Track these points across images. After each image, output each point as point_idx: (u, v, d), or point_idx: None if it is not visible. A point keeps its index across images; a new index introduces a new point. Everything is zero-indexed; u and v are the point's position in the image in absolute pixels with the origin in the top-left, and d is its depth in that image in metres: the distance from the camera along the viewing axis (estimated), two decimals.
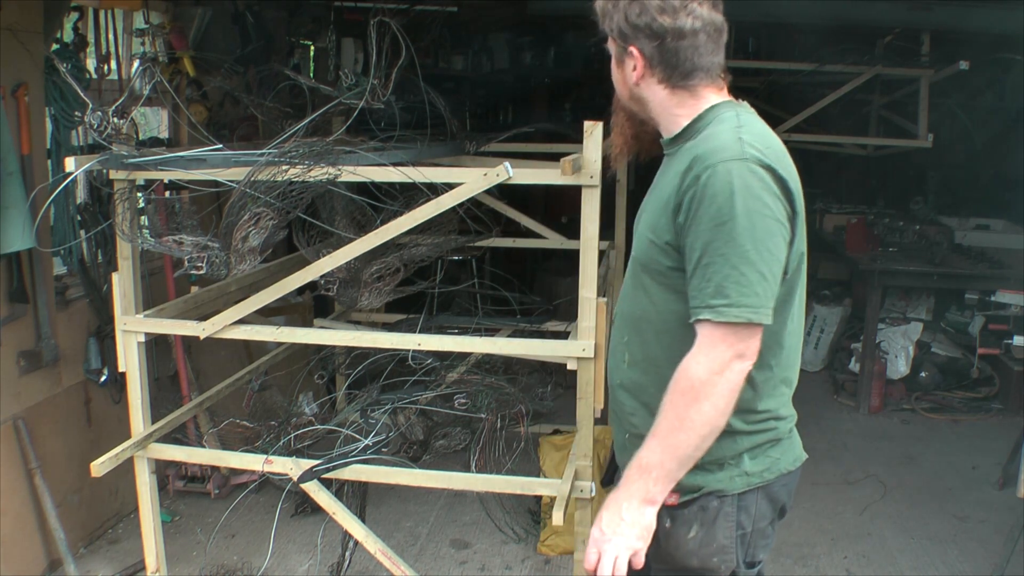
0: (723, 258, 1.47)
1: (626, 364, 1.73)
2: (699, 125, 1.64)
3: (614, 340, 1.79)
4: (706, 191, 1.49)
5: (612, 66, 1.73)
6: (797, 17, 4.65)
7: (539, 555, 3.46)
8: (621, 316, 1.76)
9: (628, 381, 1.73)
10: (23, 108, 2.99)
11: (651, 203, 1.69)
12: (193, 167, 2.51)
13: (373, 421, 2.82)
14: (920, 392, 5.26)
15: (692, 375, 1.51)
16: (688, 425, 1.50)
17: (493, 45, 7.06)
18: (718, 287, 1.48)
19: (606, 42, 1.72)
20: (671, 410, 1.52)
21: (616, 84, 1.74)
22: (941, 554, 3.52)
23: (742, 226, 1.47)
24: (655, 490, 1.54)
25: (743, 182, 1.48)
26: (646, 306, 1.67)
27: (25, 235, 2.93)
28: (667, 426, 1.52)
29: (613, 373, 1.79)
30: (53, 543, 3.17)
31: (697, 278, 1.51)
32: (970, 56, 4.67)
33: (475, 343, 2.71)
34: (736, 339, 1.50)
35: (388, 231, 2.49)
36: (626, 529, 1.54)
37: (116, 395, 3.43)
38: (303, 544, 3.52)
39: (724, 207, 1.47)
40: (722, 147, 1.52)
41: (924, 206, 6.36)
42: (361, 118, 2.79)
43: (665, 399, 1.54)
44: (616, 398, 1.79)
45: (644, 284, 1.67)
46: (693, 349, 1.53)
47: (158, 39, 3.69)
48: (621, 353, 1.74)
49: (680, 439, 1.51)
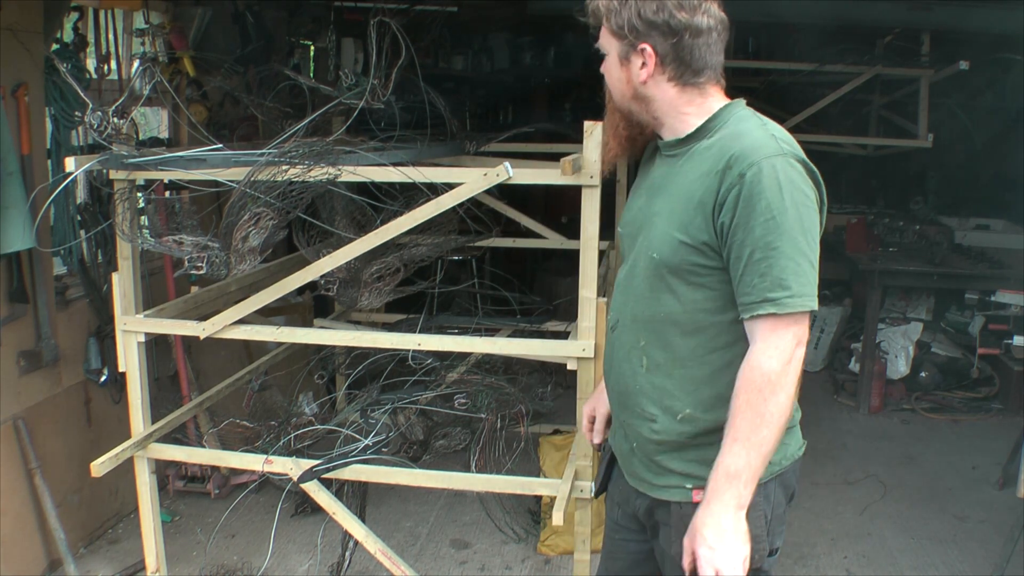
0: (777, 251, 1.50)
1: (644, 368, 1.69)
2: (715, 124, 1.65)
3: (625, 345, 1.73)
4: (754, 188, 1.51)
5: (609, 65, 1.70)
6: (797, 17, 4.64)
7: (539, 555, 3.46)
8: (634, 320, 1.71)
9: (648, 386, 1.69)
10: (23, 108, 2.99)
11: (669, 204, 1.65)
12: (193, 167, 2.51)
13: (373, 421, 2.82)
14: (920, 392, 5.26)
15: (767, 369, 1.52)
16: (768, 420, 1.52)
17: (493, 45, 7.06)
18: (777, 280, 1.50)
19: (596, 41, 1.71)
20: (748, 409, 1.52)
21: (615, 84, 1.71)
22: (941, 554, 3.52)
23: (792, 218, 1.50)
24: (746, 493, 1.54)
25: (787, 176, 1.52)
26: (672, 307, 1.64)
27: (25, 235, 2.92)
28: (748, 426, 1.52)
29: (625, 380, 1.74)
30: (53, 543, 3.17)
31: (750, 274, 1.52)
32: (970, 56, 4.66)
33: (475, 343, 2.71)
34: (798, 327, 1.53)
35: (388, 231, 2.49)
36: (732, 539, 1.53)
37: (116, 395, 3.43)
38: (303, 544, 3.52)
39: (774, 202, 1.50)
40: (761, 144, 1.55)
41: (924, 206, 6.36)
42: (361, 118, 2.79)
43: (738, 400, 1.54)
44: (628, 405, 1.74)
45: (670, 285, 1.64)
46: (758, 344, 1.53)
47: (158, 39, 3.69)
48: (637, 358, 1.70)
49: (763, 436, 1.52)
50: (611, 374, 1.79)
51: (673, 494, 1.70)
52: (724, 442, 1.55)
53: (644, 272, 1.68)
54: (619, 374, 1.76)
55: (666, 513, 1.72)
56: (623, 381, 1.75)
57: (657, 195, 1.70)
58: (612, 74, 1.70)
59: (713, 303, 1.61)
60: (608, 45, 1.69)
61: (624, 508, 1.87)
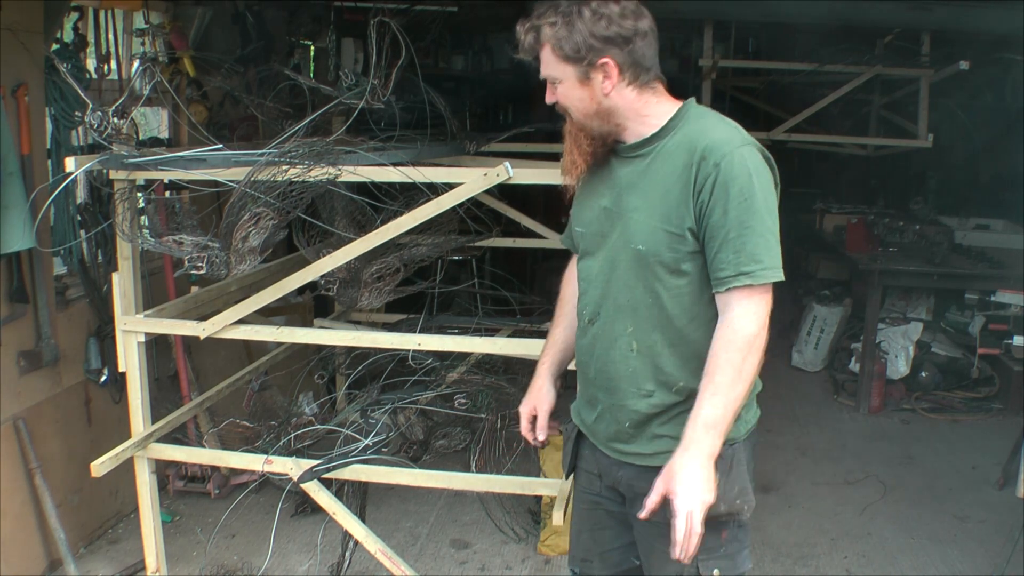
0: (750, 230, 1.67)
1: (635, 352, 1.81)
2: (676, 123, 1.78)
3: (610, 334, 1.84)
4: (728, 175, 1.68)
5: (566, 90, 1.78)
6: (797, 17, 4.64)
7: (539, 555, 3.46)
8: (618, 309, 1.82)
9: (640, 366, 1.81)
10: (23, 108, 2.99)
11: (647, 200, 1.77)
12: (193, 167, 2.51)
13: (373, 421, 2.82)
14: (920, 392, 5.25)
15: (746, 332, 1.68)
16: (744, 377, 1.68)
17: (493, 45, 7.06)
18: (751, 255, 1.67)
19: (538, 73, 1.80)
20: (728, 366, 1.67)
21: (575, 104, 1.79)
22: (941, 554, 3.52)
23: (760, 200, 1.68)
24: (718, 443, 1.67)
25: (754, 163, 1.70)
26: (658, 292, 1.77)
27: (25, 235, 2.92)
28: (727, 382, 1.67)
29: (614, 365, 1.84)
30: (53, 543, 3.17)
31: (726, 251, 1.69)
32: (970, 56, 4.66)
33: (475, 343, 2.72)
34: (768, 296, 1.71)
35: (388, 231, 2.49)
36: (702, 486, 1.65)
37: (116, 395, 3.43)
38: (303, 544, 3.52)
39: (745, 187, 1.68)
40: (728, 138, 1.72)
41: (924, 206, 6.36)
42: (361, 118, 2.79)
43: (718, 359, 1.68)
44: (618, 389, 1.85)
45: (655, 273, 1.76)
46: (735, 311, 1.69)
47: (158, 39, 3.69)
48: (626, 343, 1.82)
49: (739, 391, 1.68)
50: (592, 364, 1.89)
51: (666, 458, 1.78)
52: (702, 396, 1.68)
53: (627, 264, 1.80)
54: (605, 362, 1.86)
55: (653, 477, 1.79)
56: (611, 368, 1.85)
57: (628, 193, 1.80)
58: (571, 96, 1.79)
59: (695, 285, 1.76)
60: (560, 72, 1.77)
61: (604, 480, 1.96)
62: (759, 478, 1.87)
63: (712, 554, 1.80)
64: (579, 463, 2.04)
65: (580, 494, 2.06)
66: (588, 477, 2.01)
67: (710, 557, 1.80)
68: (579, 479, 2.05)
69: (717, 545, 1.81)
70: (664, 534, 1.77)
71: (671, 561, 1.79)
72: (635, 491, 1.85)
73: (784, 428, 4.70)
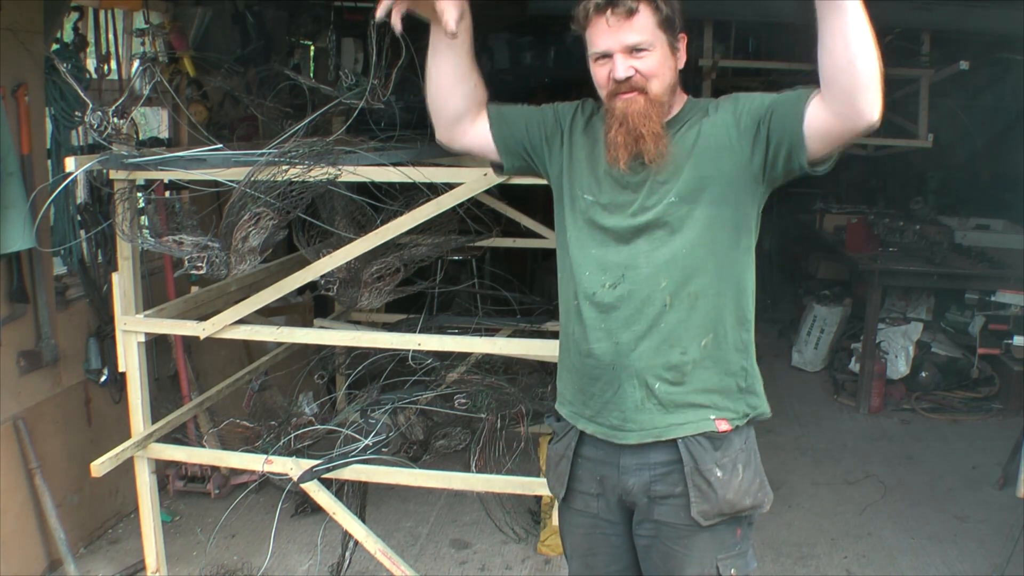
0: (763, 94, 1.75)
1: (668, 307, 1.75)
2: (691, 104, 1.83)
3: (646, 291, 1.75)
4: (730, 99, 1.78)
5: (657, 59, 1.73)
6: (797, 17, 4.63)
7: (539, 555, 3.46)
8: (652, 271, 1.75)
9: (675, 322, 1.75)
10: (23, 108, 2.99)
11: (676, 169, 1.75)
12: (193, 167, 2.51)
13: (373, 421, 2.82)
14: (920, 392, 5.25)
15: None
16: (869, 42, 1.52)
17: (493, 45, 7.05)
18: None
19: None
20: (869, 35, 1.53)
21: (664, 75, 1.75)
22: (941, 554, 3.52)
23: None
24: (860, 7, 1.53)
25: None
26: (693, 243, 1.74)
27: (25, 235, 2.93)
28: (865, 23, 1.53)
29: (648, 324, 1.76)
30: (53, 543, 3.17)
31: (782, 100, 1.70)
32: (970, 56, 4.66)
33: (475, 343, 2.71)
34: None
35: (388, 231, 2.49)
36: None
37: (116, 395, 3.43)
38: (303, 544, 3.52)
39: (742, 95, 1.78)
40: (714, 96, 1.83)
41: (924, 206, 6.35)
42: (361, 118, 2.79)
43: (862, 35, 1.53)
44: (646, 350, 1.76)
45: (696, 219, 1.73)
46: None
47: (158, 39, 3.69)
48: (660, 299, 1.74)
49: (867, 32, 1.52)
50: (603, 344, 1.79)
51: (697, 427, 1.77)
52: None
53: (654, 227, 1.75)
54: (640, 319, 1.76)
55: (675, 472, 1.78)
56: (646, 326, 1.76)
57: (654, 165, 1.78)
58: (664, 65, 1.74)
59: (730, 233, 1.75)
60: (656, 38, 1.72)
61: (609, 496, 1.88)
62: None
63: (729, 552, 1.81)
64: (573, 484, 1.92)
65: (573, 517, 1.97)
66: (583, 499, 1.92)
67: (728, 556, 1.81)
68: (572, 502, 1.95)
69: (733, 543, 1.81)
70: (683, 535, 1.78)
71: (691, 562, 1.78)
72: (650, 495, 1.81)
73: (784, 428, 4.69)
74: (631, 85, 1.73)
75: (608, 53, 1.73)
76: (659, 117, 1.74)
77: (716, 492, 1.76)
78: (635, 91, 1.73)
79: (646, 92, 1.73)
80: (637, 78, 1.72)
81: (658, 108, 1.74)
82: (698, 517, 1.76)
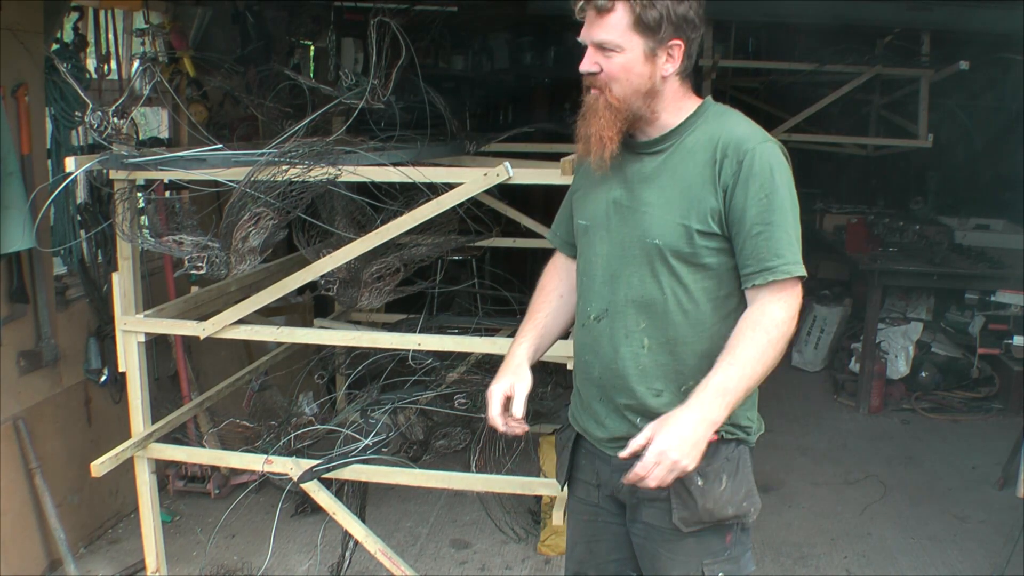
0: (772, 226, 1.67)
1: (646, 349, 1.76)
2: (696, 120, 1.75)
3: (618, 331, 1.78)
4: (752, 170, 1.67)
5: (628, 61, 1.67)
6: (797, 17, 4.64)
7: (539, 555, 3.46)
8: (629, 304, 1.76)
9: (652, 364, 1.76)
10: (23, 108, 2.99)
11: (665, 194, 1.72)
12: (193, 167, 2.51)
13: (373, 421, 2.82)
14: (920, 392, 5.25)
15: (776, 316, 1.65)
16: (764, 360, 1.63)
17: (493, 45, 7.05)
18: (774, 250, 1.67)
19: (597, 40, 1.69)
20: (753, 345, 1.62)
21: (632, 79, 1.68)
22: (941, 554, 3.52)
23: (782, 196, 1.68)
24: (723, 414, 1.61)
25: (776, 160, 1.70)
26: (673, 288, 1.73)
27: (25, 235, 2.92)
28: (747, 357, 1.62)
29: (623, 363, 1.78)
30: (53, 543, 3.17)
31: (750, 247, 1.68)
32: (970, 56, 4.66)
33: (475, 343, 2.71)
34: (797, 290, 1.71)
35: (388, 231, 2.49)
36: (690, 449, 1.57)
37: (116, 395, 3.43)
38: (303, 544, 3.52)
39: (767, 183, 1.67)
40: (750, 134, 1.71)
41: (924, 206, 6.36)
42: (361, 118, 2.79)
43: (743, 335, 1.64)
44: (626, 388, 1.78)
45: (672, 268, 1.72)
46: (767, 297, 1.67)
47: (158, 39, 3.69)
48: (637, 340, 1.76)
49: (757, 370, 1.62)
50: (596, 364, 1.83)
51: None
52: (718, 364, 1.63)
53: (640, 259, 1.75)
54: (612, 359, 1.79)
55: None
56: (620, 365, 1.79)
57: (643, 187, 1.75)
58: (630, 70, 1.68)
59: (712, 280, 1.73)
60: (626, 41, 1.66)
61: (603, 489, 1.90)
62: (759, 478, 1.87)
63: (717, 558, 1.79)
64: (576, 473, 1.97)
65: (576, 504, 2.01)
66: (585, 487, 1.95)
67: (715, 561, 1.79)
68: (576, 489, 1.99)
69: (722, 549, 1.80)
70: (668, 539, 1.77)
71: (676, 565, 1.78)
72: (637, 497, 1.81)
73: (784, 428, 4.69)
74: (594, 82, 1.71)
75: (585, 44, 1.73)
76: (616, 122, 1.70)
77: (696, 500, 1.73)
78: (597, 89, 1.72)
79: (605, 93, 1.71)
80: (601, 76, 1.70)
81: (616, 113, 1.70)
82: (678, 523, 1.75)
